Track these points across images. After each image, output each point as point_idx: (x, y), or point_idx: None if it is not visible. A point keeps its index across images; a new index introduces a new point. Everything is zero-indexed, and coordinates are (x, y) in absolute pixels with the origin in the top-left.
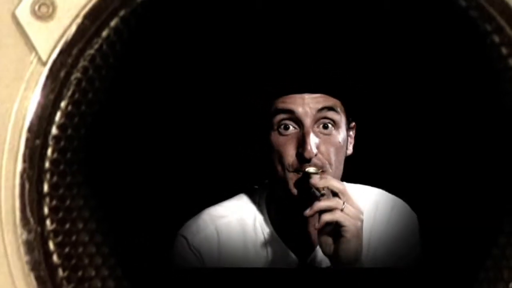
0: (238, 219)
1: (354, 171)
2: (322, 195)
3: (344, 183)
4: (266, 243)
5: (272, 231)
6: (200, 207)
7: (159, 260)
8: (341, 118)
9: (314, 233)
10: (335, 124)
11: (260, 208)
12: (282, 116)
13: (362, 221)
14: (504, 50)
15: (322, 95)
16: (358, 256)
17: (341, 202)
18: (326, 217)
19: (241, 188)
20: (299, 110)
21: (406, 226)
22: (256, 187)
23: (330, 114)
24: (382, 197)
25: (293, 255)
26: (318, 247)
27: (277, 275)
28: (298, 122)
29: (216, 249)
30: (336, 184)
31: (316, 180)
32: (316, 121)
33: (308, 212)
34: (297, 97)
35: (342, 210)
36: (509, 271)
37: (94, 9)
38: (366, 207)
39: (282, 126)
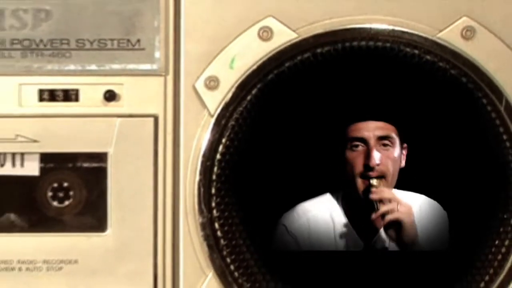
0: (323, 212)
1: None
2: (380, 201)
3: (394, 190)
4: (342, 231)
5: (346, 222)
6: (296, 203)
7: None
8: (396, 139)
9: (375, 224)
10: (392, 143)
11: (338, 205)
12: (354, 136)
13: (413, 214)
14: (489, 107)
15: (383, 123)
16: (416, 240)
17: (395, 204)
18: (388, 217)
19: (325, 189)
20: (365, 134)
21: (439, 220)
22: (335, 188)
23: (390, 136)
24: (423, 200)
25: (360, 240)
26: (378, 234)
27: (350, 256)
28: (365, 141)
29: (307, 234)
30: (387, 194)
31: (373, 194)
32: (378, 140)
33: (373, 216)
34: (364, 124)
35: (397, 210)
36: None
37: (242, 83)
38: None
39: (354, 145)
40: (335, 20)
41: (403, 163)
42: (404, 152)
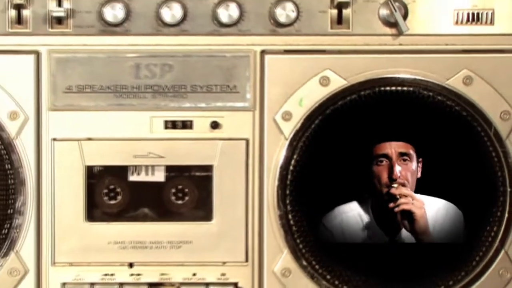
0: (354, 214)
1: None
2: (399, 198)
3: (418, 194)
4: (370, 229)
5: (373, 222)
6: (336, 205)
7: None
8: (413, 155)
9: (397, 223)
10: (410, 158)
11: (367, 208)
12: (379, 153)
13: (424, 208)
14: (482, 133)
15: (403, 142)
16: (427, 230)
17: (410, 199)
18: (402, 206)
19: (357, 196)
20: (388, 151)
21: (456, 218)
22: (366, 195)
23: (408, 152)
24: (441, 202)
25: (385, 237)
26: (400, 233)
27: (377, 248)
28: (388, 158)
29: (340, 231)
30: (404, 191)
31: (393, 190)
32: (399, 156)
33: (391, 205)
34: (388, 143)
35: (412, 203)
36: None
37: (308, 116)
38: (431, 209)
39: (379, 161)
40: (374, 71)
41: (419, 174)
42: (420, 165)
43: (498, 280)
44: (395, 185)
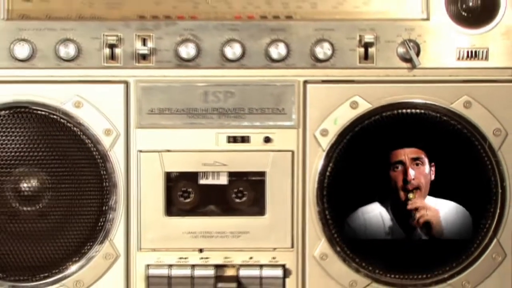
0: (376, 213)
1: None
2: (415, 210)
3: (429, 197)
4: (390, 227)
5: (394, 222)
6: (359, 206)
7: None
8: (425, 159)
9: (413, 224)
10: (422, 162)
11: (388, 208)
12: (394, 160)
13: (439, 215)
14: (479, 147)
15: (414, 148)
16: (442, 234)
17: (425, 210)
18: (421, 220)
19: (379, 197)
20: (402, 157)
21: (465, 218)
22: (387, 196)
23: (420, 157)
24: (452, 204)
25: (403, 234)
26: (416, 229)
27: (398, 243)
28: (403, 163)
29: (363, 229)
30: (419, 203)
31: (409, 206)
32: (412, 161)
33: (413, 223)
34: (401, 150)
35: (427, 214)
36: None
37: (341, 133)
38: (443, 210)
39: (395, 166)
40: (393, 97)
41: (432, 177)
42: (433, 169)
43: (492, 262)
44: (410, 195)
